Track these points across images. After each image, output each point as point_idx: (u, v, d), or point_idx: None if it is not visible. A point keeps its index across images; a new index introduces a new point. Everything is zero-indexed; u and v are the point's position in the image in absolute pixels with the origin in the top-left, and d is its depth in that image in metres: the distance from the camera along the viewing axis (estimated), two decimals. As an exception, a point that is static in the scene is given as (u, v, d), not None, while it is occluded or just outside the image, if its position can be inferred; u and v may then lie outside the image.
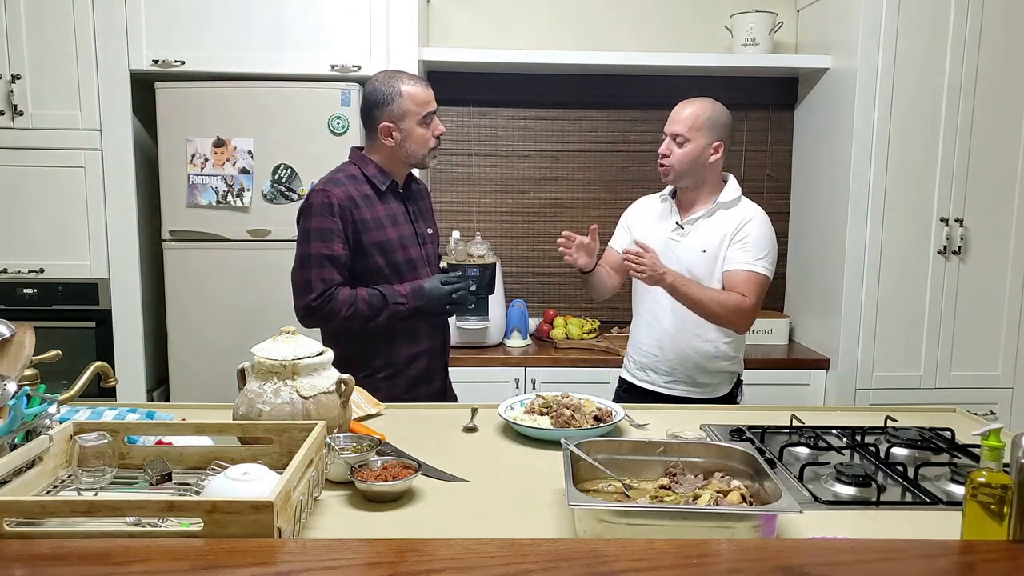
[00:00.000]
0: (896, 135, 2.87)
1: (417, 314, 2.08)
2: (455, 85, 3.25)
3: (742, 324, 2.18)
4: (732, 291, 2.14)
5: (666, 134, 2.21)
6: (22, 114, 2.76)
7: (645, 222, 2.33)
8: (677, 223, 2.25)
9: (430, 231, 2.23)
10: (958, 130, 2.87)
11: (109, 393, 2.36)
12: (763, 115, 3.43)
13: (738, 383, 2.32)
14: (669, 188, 2.32)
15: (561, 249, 2.17)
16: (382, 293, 2.03)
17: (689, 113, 2.17)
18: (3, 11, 2.72)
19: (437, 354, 2.20)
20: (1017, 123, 2.89)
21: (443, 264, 2.40)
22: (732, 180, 2.27)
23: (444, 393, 2.26)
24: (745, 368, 2.34)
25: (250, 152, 2.78)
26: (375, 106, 2.05)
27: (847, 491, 1.46)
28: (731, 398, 2.30)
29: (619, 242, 2.40)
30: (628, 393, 2.36)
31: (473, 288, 2.17)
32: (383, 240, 2.06)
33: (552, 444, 1.69)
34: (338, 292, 2.00)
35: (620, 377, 2.45)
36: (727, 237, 2.17)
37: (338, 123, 2.77)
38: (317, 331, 2.07)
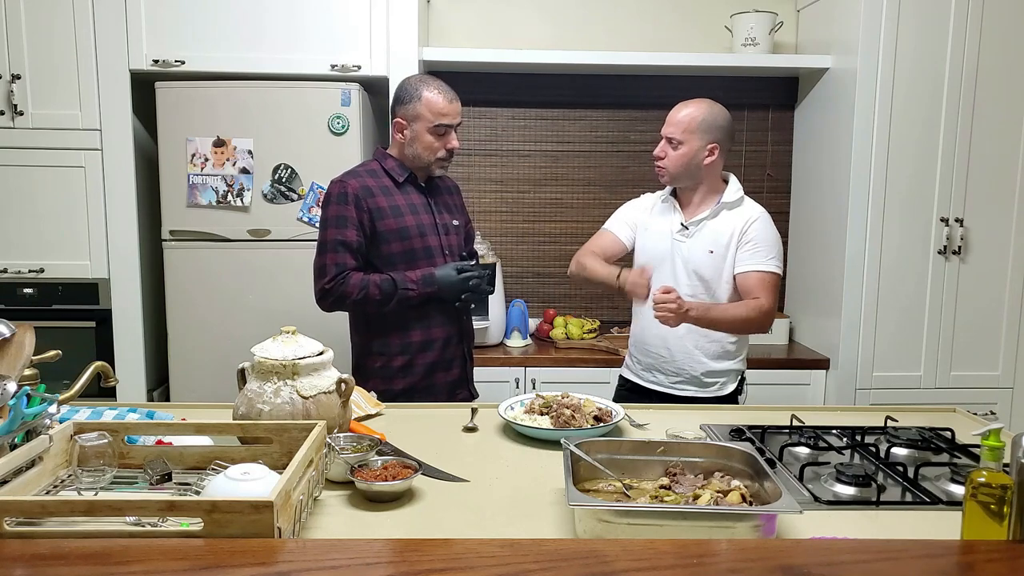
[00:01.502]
0: (896, 135, 2.87)
1: (430, 302, 2.13)
2: (455, 85, 3.22)
3: (766, 325, 2.21)
4: (747, 295, 2.17)
5: (662, 136, 2.22)
6: (22, 114, 2.76)
7: (650, 222, 2.33)
8: (682, 224, 2.25)
9: (455, 223, 2.27)
10: (958, 130, 2.87)
11: (109, 393, 2.36)
12: (763, 115, 3.43)
13: (742, 381, 2.33)
14: (669, 188, 2.33)
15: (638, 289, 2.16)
16: (393, 278, 2.10)
17: (684, 115, 2.18)
18: (3, 11, 2.72)
19: (454, 342, 2.22)
20: (1017, 123, 2.89)
21: None
22: (734, 180, 2.27)
23: (465, 382, 2.29)
24: (745, 368, 2.35)
25: (250, 152, 2.78)
26: (397, 101, 2.17)
27: (847, 491, 1.46)
28: (733, 397, 2.30)
29: (619, 230, 2.37)
30: (633, 393, 2.36)
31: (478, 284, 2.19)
32: (400, 227, 2.13)
33: (552, 444, 1.69)
34: (350, 275, 2.09)
35: (621, 376, 2.45)
36: (734, 238, 2.19)
37: (338, 123, 2.77)
38: (318, 330, 2.06)
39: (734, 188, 2.25)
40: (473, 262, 2.21)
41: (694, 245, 2.22)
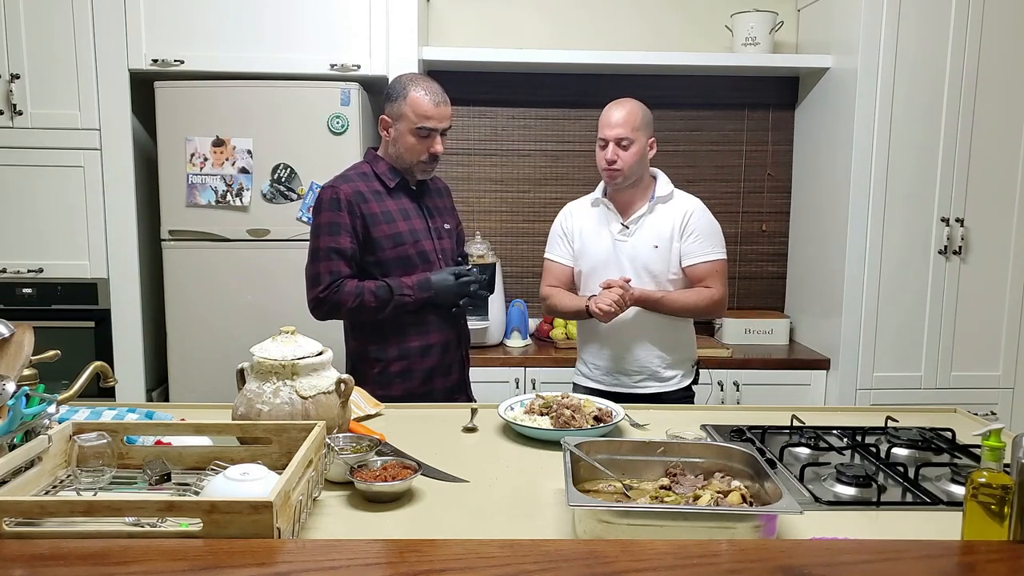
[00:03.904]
0: (896, 135, 2.87)
1: (427, 307, 2.10)
2: (455, 85, 3.22)
3: (718, 312, 2.29)
4: (698, 284, 2.23)
5: (607, 140, 2.18)
6: (21, 114, 2.75)
7: (584, 228, 2.32)
8: (622, 224, 2.27)
9: (447, 226, 2.24)
10: (958, 130, 2.87)
11: (108, 393, 2.36)
12: (763, 115, 3.43)
13: (698, 373, 2.36)
14: (600, 190, 2.33)
15: (613, 305, 2.11)
16: (388, 285, 2.06)
17: (626, 115, 2.18)
18: (3, 11, 2.72)
19: (452, 347, 2.19)
20: (1017, 123, 2.89)
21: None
22: (661, 175, 2.31)
23: (463, 387, 2.26)
24: (746, 368, 2.35)
25: (249, 152, 2.77)
26: (386, 98, 2.12)
27: (848, 491, 1.46)
28: (690, 388, 2.34)
29: (560, 255, 2.37)
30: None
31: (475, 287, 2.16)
32: (393, 233, 2.09)
33: (552, 444, 1.68)
34: (345, 283, 2.04)
35: (575, 384, 2.39)
36: (675, 230, 2.23)
37: (337, 122, 2.77)
38: (317, 331, 2.07)
39: (664, 182, 2.29)
40: (470, 266, 2.17)
41: (637, 242, 2.24)
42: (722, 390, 2.97)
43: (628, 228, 2.26)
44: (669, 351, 2.28)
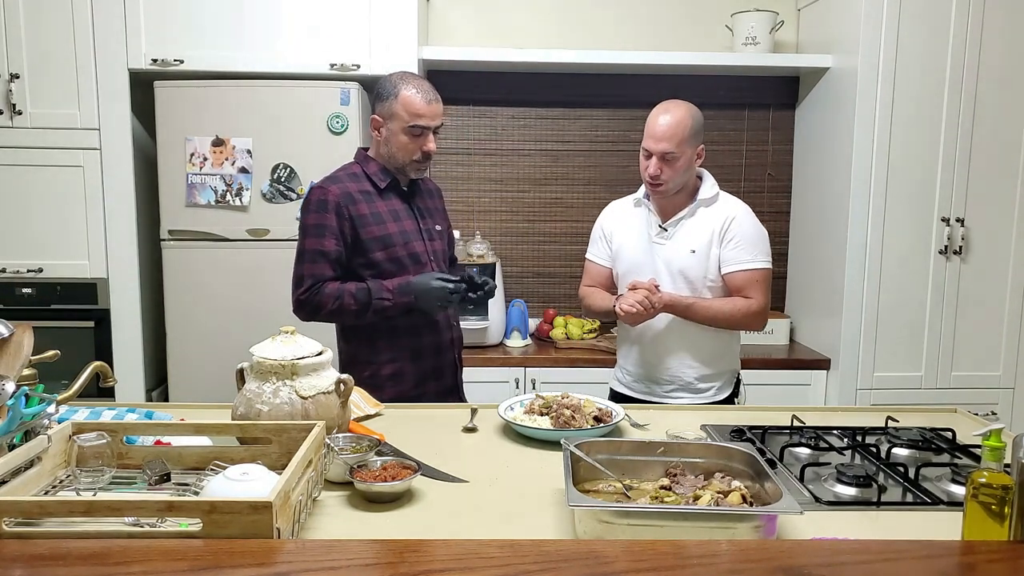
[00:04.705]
0: (897, 135, 2.87)
1: (410, 311, 2.05)
2: (455, 84, 3.25)
3: (757, 324, 2.17)
4: (736, 294, 2.14)
5: (651, 152, 2.08)
6: (21, 113, 2.75)
7: (623, 229, 2.27)
8: (660, 226, 2.20)
9: (439, 228, 2.21)
10: (959, 130, 2.87)
11: (108, 393, 2.36)
12: (764, 114, 3.43)
13: (738, 383, 2.29)
14: (642, 191, 2.26)
15: (636, 305, 2.05)
16: (368, 288, 2.02)
17: (673, 125, 2.06)
18: (3, 11, 2.72)
19: (445, 350, 2.17)
20: (1017, 123, 2.89)
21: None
22: (708, 176, 2.22)
23: (456, 390, 2.23)
24: (746, 368, 2.33)
25: (249, 151, 2.77)
26: (376, 97, 2.08)
27: (848, 492, 1.46)
28: (730, 401, 2.26)
29: (598, 255, 2.34)
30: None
31: (466, 290, 2.06)
32: (383, 235, 2.06)
33: (552, 444, 1.68)
34: (325, 286, 2.02)
35: (611, 389, 2.37)
36: (715, 235, 2.14)
37: (337, 122, 2.77)
38: (317, 331, 2.06)
39: (710, 184, 2.20)
40: (460, 276, 2.07)
41: (675, 246, 2.16)
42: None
43: (666, 231, 2.18)
44: (704, 362, 2.19)
